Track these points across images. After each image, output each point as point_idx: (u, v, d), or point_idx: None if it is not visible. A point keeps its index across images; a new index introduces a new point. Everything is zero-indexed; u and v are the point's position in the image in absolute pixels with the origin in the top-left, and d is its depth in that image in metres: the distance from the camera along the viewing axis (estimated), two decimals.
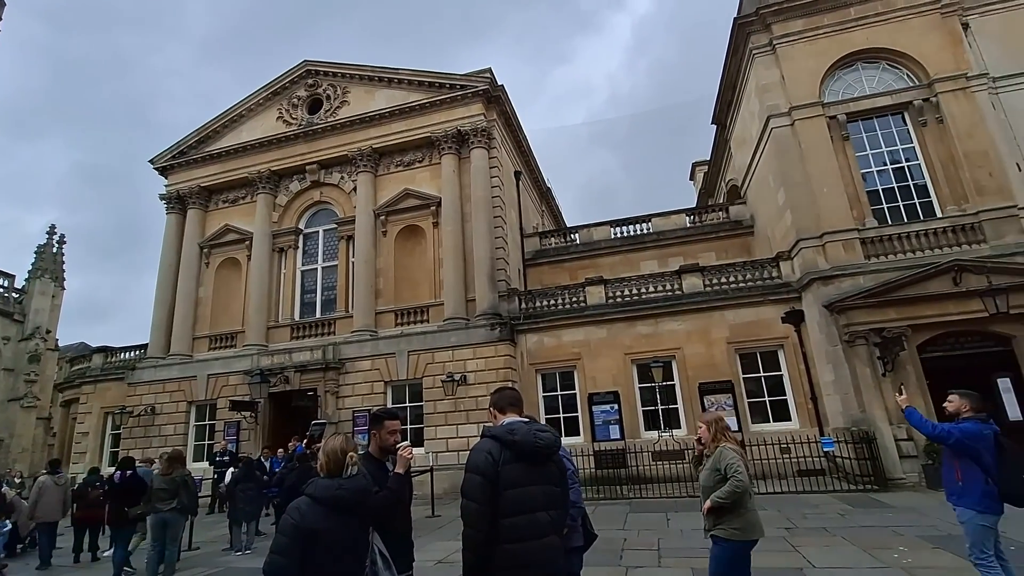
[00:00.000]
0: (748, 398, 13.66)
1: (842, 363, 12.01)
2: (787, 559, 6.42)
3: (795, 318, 13.44)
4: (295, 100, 19.28)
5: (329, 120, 18.52)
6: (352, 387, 15.64)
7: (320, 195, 18.71)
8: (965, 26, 13.91)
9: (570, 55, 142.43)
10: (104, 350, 20.45)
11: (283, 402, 16.45)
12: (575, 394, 14.68)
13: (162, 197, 20.02)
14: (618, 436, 13.63)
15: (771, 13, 14.42)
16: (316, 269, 18.33)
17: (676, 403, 14.01)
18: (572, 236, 19.94)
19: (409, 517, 3.60)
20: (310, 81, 19.20)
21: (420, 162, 17.67)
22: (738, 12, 15.06)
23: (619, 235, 19.24)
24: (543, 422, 14.02)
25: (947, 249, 12.08)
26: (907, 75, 13.67)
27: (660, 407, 13.95)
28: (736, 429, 13.03)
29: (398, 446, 3.21)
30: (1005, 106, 13.28)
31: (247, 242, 18.54)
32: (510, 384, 14.05)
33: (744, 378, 13.84)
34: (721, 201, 21.58)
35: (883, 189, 13.29)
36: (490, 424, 2.79)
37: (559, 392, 14.95)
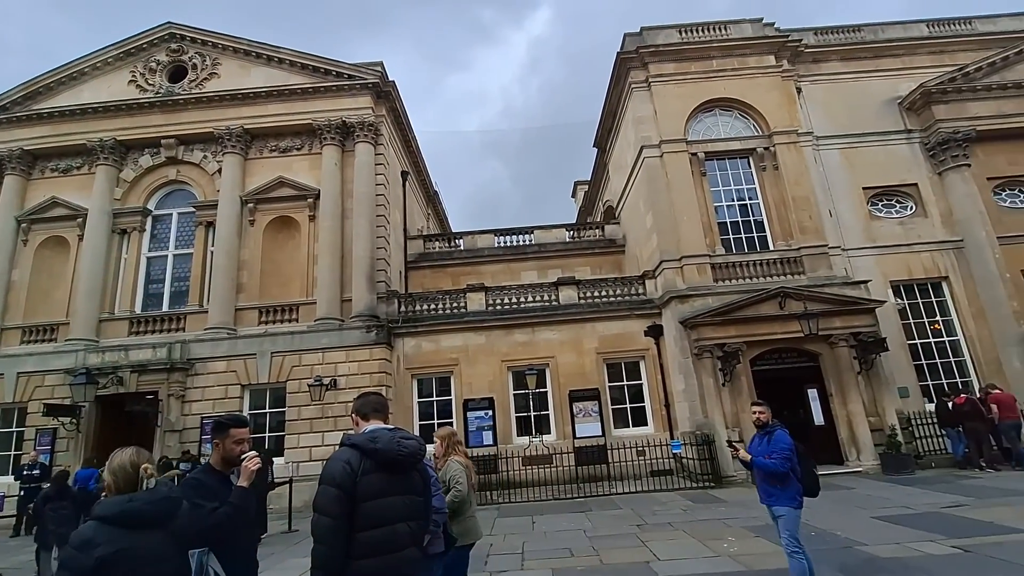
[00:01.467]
0: (612, 405, 14.64)
1: (691, 373, 13.38)
2: (637, 554, 6.94)
3: (656, 332, 14.72)
4: (153, 64, 17.00)
5: (194, 92, 16.60)
6: (202, 390, 14.06)
7: (177, 173, 16.65)
8: (799, 90, 16.43)
9: (467, 64, 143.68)
10: None
11: (115, 407, 14.29)
12: (451, 400, 14.62)
13: None
14: (491, 442, 13.82)
15: (649, 53, 15.80)
16: (166, 256, 16.24)
17: (548, 410, 14.57)
18: (457, 242, 19.97)
19: (255, 534, 3.27)
20: (174, 46, 17.07)
21: (298, 150, 16.52)
22: (621, 48, 16.26)
23: (503, 244, 19.66)
24: (417, 428, 13.80)
25: (776, 278, 14.06)
26: (753, 125, 15.75)
27: (532, 413, 14.41)
28: (600, 434, 13.93)
29: (243, 456, 2.91)
30: (824, 161, 15.88)
31: (80, 220, 15.89)
32: (384, 389, 13.64)
33: (610, 386, 14.80)
34: (598, 220, 23.03)
35: (731, 222, 15.11)
36: (351, 432, 2.64)
37: (435, 398, 14.79)
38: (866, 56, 17.06)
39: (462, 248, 19.65)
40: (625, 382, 14.93)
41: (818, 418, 13.29)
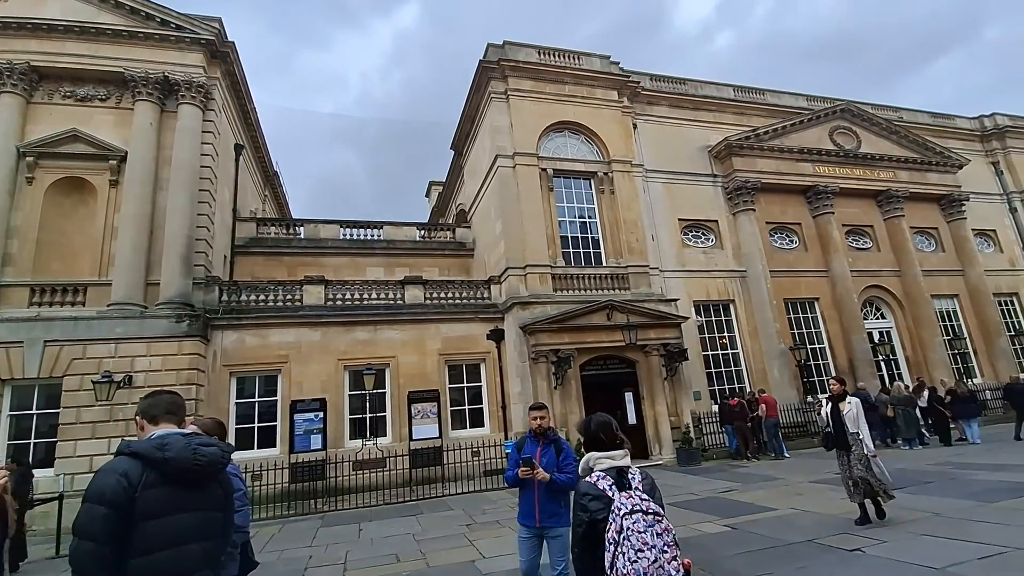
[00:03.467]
0: (451, 406, 14.75)
1: (528, 377, 14.09)
2: (464, 554, 7.04)
3: (497, 336, 15.21)
4: None
5: None
6: None
7: None
8: (635, 126, 18.44)
9: (325, 43, 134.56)
10: None
11: None
12: (276, 401, 13.40)
13: None
14: (320, 446, 12.94)
15: (509, 67, 16.40)
16: None
17: (385, 411, 14.15)
18: (296, 229, 18.42)
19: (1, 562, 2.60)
20: None
21: (103, 100, 13.84)
22: (484, 57, 16.64)
23: (349, 237, 18.65)
24: (233, 433, 12.36)
25: (606, 291, 15.51)
26: (597, 150, 17.26)
27: (368, 415, 13.87)
28: (438, 436, 13.91)
29: None
30: (650, 191, 18.02)
31: None
32: (194, 388, 12.03)
33: (450, 388, 14.90)
34: (450, 222, 23.16)
35: (571, 236, 16.32)
36: (133, 438, 2.22)
37: (257, 399, 13.41)
38: (688, 107, 19.85)
39: (302, 237, 18.18)
40: (465, 384, 15.16)
41: (632, 418, 14.94)
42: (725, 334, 17.90)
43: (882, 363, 19.19)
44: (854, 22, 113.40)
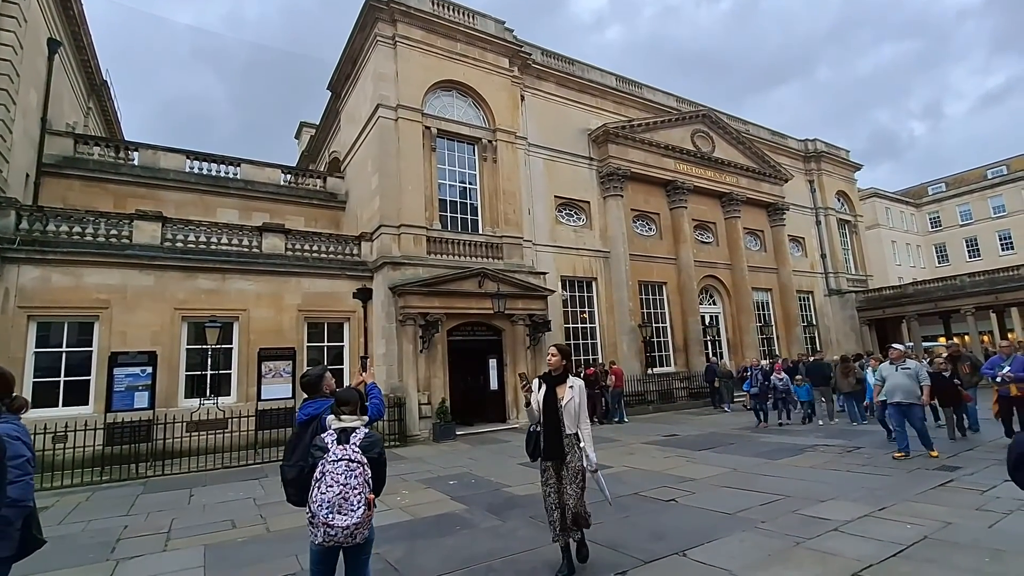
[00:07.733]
0: (309, 366, 13.89)
1: (394, 339, 13.78)
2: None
3: (365, 295, 14.59)
4: None
5: None
6: None
7: None
8: (523, 98, 18.52)
9: None
10: None
11: None
12: (91, 352, 11.49)
13: None
14: (146, 405, 11.41)
15: (400, 11, 15.36)
16: None
17: (231, 368, 12.91)
18: (129, 153, 15.61)
19: None
20: None
21: None
22: None
23: (198, 171, 16.31)
24: (30, 388, 10.48)
25: (480, 259, 15.61)
26: (484, 116, 17.04)
27: (210, 372, 12.54)
28: (291, 396, 13.08)
29: None
30: (531, 165, 18.36)
31: None
32: None
33: (308, 346, 14.04)
34: (322, 169, 21.44)
35: (450, 200, 16.07)
36: None
37: (65, 349, 11.37)
38: (574, 87, 20.42)
39: (136, 164, 15.48)
40: (326, 343, 14.39)
41: (494, 384, 15.44)
42: (586, 309, 19.15)
43: (709, 343, 22.06)
44: (721, 42, 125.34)
